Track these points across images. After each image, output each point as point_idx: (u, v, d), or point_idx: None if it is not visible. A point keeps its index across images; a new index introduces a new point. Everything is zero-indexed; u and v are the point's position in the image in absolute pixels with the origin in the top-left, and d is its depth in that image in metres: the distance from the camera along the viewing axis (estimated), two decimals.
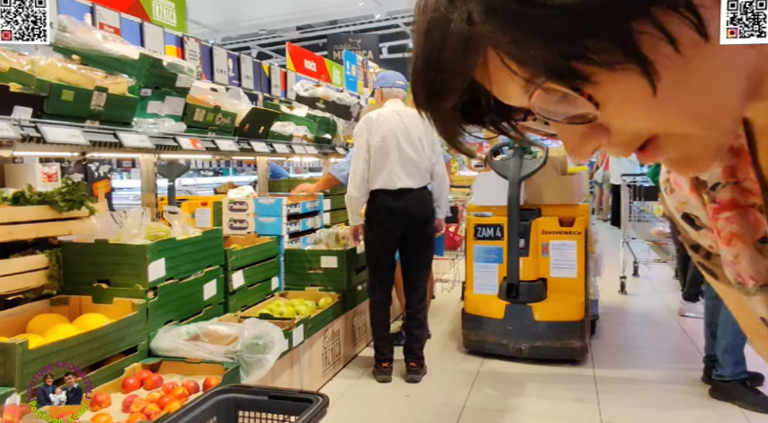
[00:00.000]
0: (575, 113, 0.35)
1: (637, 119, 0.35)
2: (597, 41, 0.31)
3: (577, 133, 0.37)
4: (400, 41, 12.99)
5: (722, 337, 2.83)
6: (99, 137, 2.19)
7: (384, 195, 3.07)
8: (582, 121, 0.35)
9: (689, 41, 0.32)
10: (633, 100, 0.34)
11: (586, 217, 3.48)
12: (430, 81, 0.37)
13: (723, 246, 0.47)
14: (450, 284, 5.15)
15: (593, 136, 0.36)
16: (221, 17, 10.63)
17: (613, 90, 0.33)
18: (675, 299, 4.48)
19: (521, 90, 0.35)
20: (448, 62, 0.36)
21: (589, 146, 0.37)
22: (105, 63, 2.31)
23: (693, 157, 0.37)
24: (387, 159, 3.03)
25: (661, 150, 0.37)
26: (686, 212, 0.52)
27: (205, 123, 2.90)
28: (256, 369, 2.18)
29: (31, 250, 2.17)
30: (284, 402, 1.53)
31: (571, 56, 0.32)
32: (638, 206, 5.52)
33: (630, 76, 0.32)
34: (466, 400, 2.88)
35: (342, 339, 3.32)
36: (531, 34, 0.31)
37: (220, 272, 2.69)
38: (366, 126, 3.10)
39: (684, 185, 0.51)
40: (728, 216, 0.46)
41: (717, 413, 2.71)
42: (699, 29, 0.32)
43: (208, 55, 3.98)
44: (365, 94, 6.63)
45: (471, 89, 0.37)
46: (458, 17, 0.34)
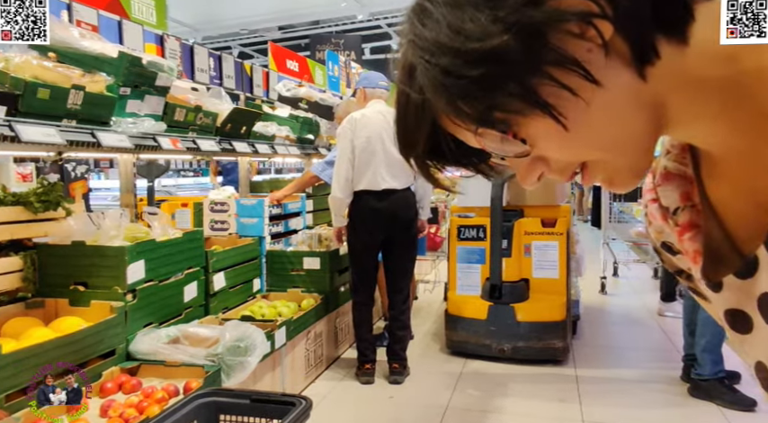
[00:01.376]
0: (515, 151, 0.44)
1: (560, 151, 0.44)
2: (505, 96, 0.40)
3: (523, 165, 0.46)
4: (383, 42, 12.99)
5: (701, 337, 2.87)
6: (76, 136, 2.14)
7: (368, 196, 3.06)
8: (522, 156, 0.44)
9: (584, 87, 0.40)
10: (551, 137, 0.42)
11: (568, 218, 3.51)
12: (401, 137, 0.49)
13: (692, 264, 0.52)
14: (431, 285, 5.16)
15: (536, 166, 0.45)
16: (202, 16, 10.51)
17: (534, 130, 0.42)
18: (654, 299, 4.54)
19: (472, 136, 0.44)
20: (410, 122, 0.47)
21: (533, 175, 0.46)
22: (83, 61, 2.26)
23: (614, 179, 0.46)
24: (372, 160, 3.02)
25: (591, 174, 0.45)
26: (663, 241, 0.57)
27: (186, 123, 2.86)
28: (238, 372, 2.15)
29: (5, 252, 2.12)
30: (266, 405, 1.51)
31: (491, 109, 0.41)
32: (617, 207, 5.60)
33: (542, 118, 0.41)
34: (449, 401, 2.88)
35: (324, 341, 3.30)
36: (459, 97, 0.41)
37: (201, 273, 2.65)
38: (350, 126, 3.08)
39: (657, 216, 0.56)
40: (690, 236, 0.51)
41: (696, 411, 2.75)
42: (588, 78, 0.39)
43: (188, 54, 3.93)
44: (348, 95, 6.61)
45: (432, 139, 0.47)
46: (413, 90, 0.44)
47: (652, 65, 0.41)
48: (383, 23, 11.67)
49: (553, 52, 0.39)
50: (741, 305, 0.46)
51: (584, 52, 0.40)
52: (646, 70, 0.41)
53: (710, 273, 0.49)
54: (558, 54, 0.39)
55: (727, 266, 0.47)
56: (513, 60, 0.39)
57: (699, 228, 0.51)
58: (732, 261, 0.47)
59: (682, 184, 0.52)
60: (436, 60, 0.41)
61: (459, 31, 0.39)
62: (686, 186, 0.52)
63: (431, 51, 0.41)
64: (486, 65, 0.39)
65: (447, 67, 0.40)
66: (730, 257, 0.47)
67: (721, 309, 0.48)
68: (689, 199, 0.52)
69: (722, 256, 0.48)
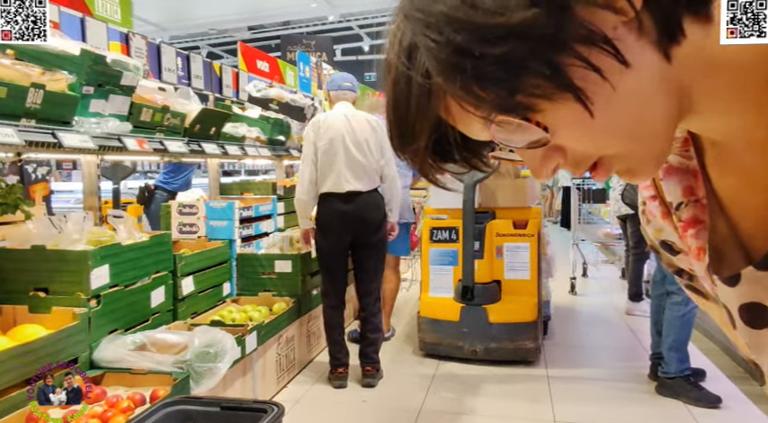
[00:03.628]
0: (531, 140, 0.39)
1: (581, 139, 0.40)
2: (532, 78, 0.36)
3: (537, 156, 0.41)
4: (354, 44, 12.99)
5: (667, 335, 2.93)
6: (35, 136, 2.06)
7: (333, 198, 3.05)
8: (538, 146, 0.40)
9: (613, 69, 0.36)
10: (574, 123, 0.38)
11: (539, 219, 3.55)
12: (402, 126, 0.42)
13: (695, 261, 0.50)
14: (408, 283, 5.16)
15: (551, 157, 0.41)
16: (169, 15, 10.32)
17: (557, 116, 0.38)
18: (622, 298, 4.63)
19: (481, 126, 0.40)
20: (414, 110, 0.41)
21: (549, 166, 0.42)
22: (43, 58, 2.18)
23: (635, 169, 0.43)
24: (334, 162, 3.02)
25: (607, 167, 0.42)
26: (663, 239, 0.55)
27: (153, 124, 2.79)
28: (207, 378, 2.10)
29: None
30: (237, 413, 1.47)
31: (513, 92, 0.36)
32: (586, 209, 5.69)
33: (568, 103, 0.37)
34: (422, 404, 2.87)
35: (296, 345, 3.26)
36: (476, 80, 0.36)
37: (169, 278, 2.59)
38: (314, 129, 3.10)
39: (657, 214, 0.54)
40: (693, 232, 0.50)
41: (663, 408, 2.81)
42: (618, 58, 0.36)
43: (155, 53, 3.84)
44: (319, 96, 6.57)
45: (438, 130, 0.42)
46: (416, 73, 0.39)
47: (678, 44, 0.38)
48: (354, 25, 11.67)
49: (583, 28, 0.35)
50: (760, 298, 0.44)
51: (611, 30, 0.36)
52: (671, 50, 0.38)
53: (714, 269, 0.47)
54: (588, 30, 0.35)
55: (729, 262, 0.46)
56: (540, 37, 0.35)
57: (702, 223, 0.49)
58: (735, 257, 0.45)
59: (685, 179, 0.51)
60: (448, 38, 0.36)
61: (476, 5, 0.35)
62: (689, 180, 0.50)
63: (440, 28, 0.36)
64: (509, 42, 0.35)
65: (463, 45, 0.36)
66: (734, 253, 0.46)
67: (736, 303, 0.46)
68: (692, 193, 0.50)
69: (725, 252, 0.47)
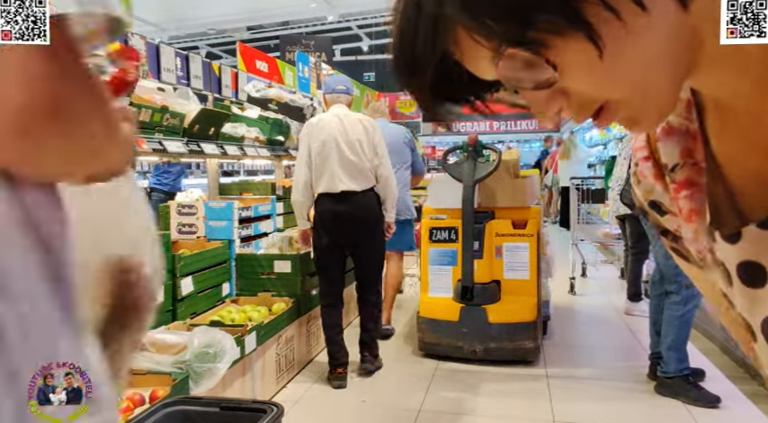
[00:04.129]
0: (538, 79, 0.39)
1: (588, 81, 0.39)
2: (545, 12, 0.35)
3: (542, 99, 0.41)
4: (353, 44, 12.99)
5: (666, 335, 2.94)
6: None
7: (328, 199, 3.07)
8: (545, 86, 0.39)
9: (629, 11, 0.36)
10: (584, 63, 0.38)
11: (538, 219, 3.55)
12: (407, 55, 0.42)
13: (684, 223, 0.51)
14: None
15: (556, 99, 0.41)
16: (168, 15, 10.31)
17: (567, 54, 0.37)
18: (621, 298, 4.62)
19: (489, 61, 0.39)
20: (422, 38, 0.40)
21: (553, 108, 0.41)
22: None
23: (638, 118, 0.42)
24: (327, 162, 3.05)
25: (611, 114, 0.41)
26: (652, 199, 0.56)
27: (152, 124, 2.79)
28: (206, 379, 2.10)
29: None
30: (237, 413, 1.48)
31: (526, 26, 0.36)
32: (585, 208, 5.69)
33: (579, 42, 0.36)
34: (422, 404, 2.87)
35: (296, 345, 3.26)
36: (489, 11, 0.36)
37: (168, 278, 2.59)
38: (307, 131, 3.15)
39: (648, 174, 0.54)
40: (687, 194, 0.50)
41: (662, 408, 2.81)
42: (635, 0, 0.36)
43: (154, 53, 3.83)
44: (318, 96, 6.56)
45: (444, 65, 0.41)
46: (427, 1, 0.38)
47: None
48: (354, 25, 11.67)
49: None
50: (759, 257, 0.44)
51: None
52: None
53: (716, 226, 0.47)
54: None
55: (726, 222, 0.46)
56: None
57: (697, 186, 0.49)
58: (729, 220, 0.46)
59: (683, 140, 0.50)
60: None
61: None
62: (688, 142, 0.50)
63: None
64: None
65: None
66: (728, 216, 0.46)
67: (735, 261, 0.46)
68: (690, 155, 0.50)
69: (720, 215, 0.47)
